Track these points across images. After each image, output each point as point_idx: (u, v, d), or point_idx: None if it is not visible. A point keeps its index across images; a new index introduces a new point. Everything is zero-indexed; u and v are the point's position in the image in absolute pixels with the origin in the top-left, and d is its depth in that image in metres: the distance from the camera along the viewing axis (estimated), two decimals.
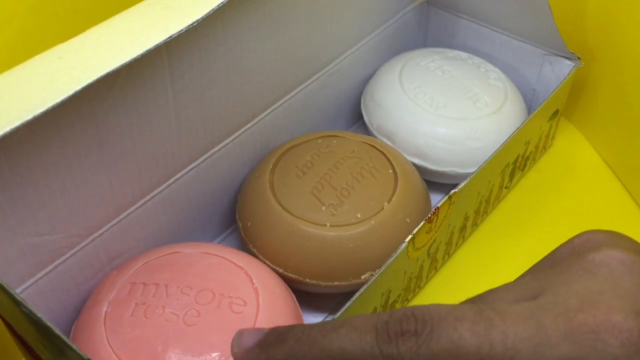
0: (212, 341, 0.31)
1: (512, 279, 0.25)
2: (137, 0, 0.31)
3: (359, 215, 0.37)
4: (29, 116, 0.24)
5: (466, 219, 0.42)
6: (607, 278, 0.19)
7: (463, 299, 0.44)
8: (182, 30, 0.29)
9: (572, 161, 0.50)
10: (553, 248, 0.24)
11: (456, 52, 0.50)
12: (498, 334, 0.18)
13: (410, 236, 0.34)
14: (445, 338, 0.18)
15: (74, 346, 0.22)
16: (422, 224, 0.35)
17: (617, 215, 0.46)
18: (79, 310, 0.34)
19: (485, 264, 0.43)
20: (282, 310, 0.34)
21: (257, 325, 0.32)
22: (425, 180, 0.43)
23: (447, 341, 0.18)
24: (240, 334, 0.22)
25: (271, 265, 0.37)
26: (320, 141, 0.41)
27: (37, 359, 0.29)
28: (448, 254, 0.43)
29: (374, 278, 0.33)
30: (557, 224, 0.45)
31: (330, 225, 0.37)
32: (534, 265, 0.24)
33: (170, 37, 0.29)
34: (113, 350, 0.30)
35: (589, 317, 0.18)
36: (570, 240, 0.23)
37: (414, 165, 0.43)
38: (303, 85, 0.43)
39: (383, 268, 0.33)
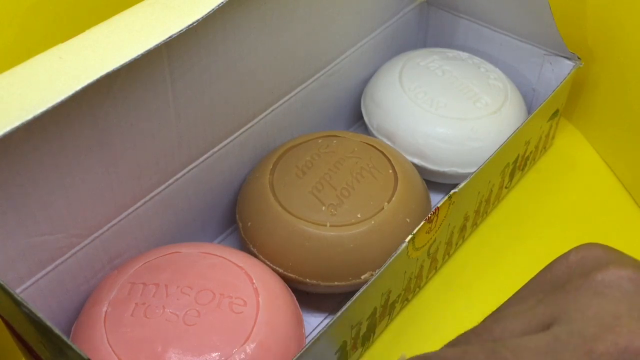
0: (212, 341, 0.31)
1: (512, 279, 0.24)
2: (137, 0, 0.31)
3: (359, 215, 0.37)
4: (29, 116, 0.24)
5: (466, 219, 0.42)
6: (620, 299, 0.18)
7: (463, 299, 0.44)
8: (182, 30, 0.29)
9: (572, 161, 0.50)
10: (553, 248, 0.23)
11: (456, 52, 0.50)
12: None
13: (410, 236, 0.34)
14: None
15: (74, 346, 0.22)
16: (422, 224, 0.35)
17: (617, 215, 0.46)
18: (79, 310, 0.34)
19: (485, 263, 0.43)
20: (282, 310, 0.34)
21: (257, 325, 0.32)
22: (425, 180, 0.43)
23: None
24: None
25: (271, 265, 0.37)
26: (320, 141, 0.41)
27: (37, 359, 0.29)
28: (448, 254, 0.43)
29: (374, 278, 0.33)
30: (556, 224, 0.45)
31: (331, 225, 0.37)
32: (532, 285, 0.22)
33: (170, 37, 0.29)
34: (113, 350, 0.30)
35: (610, 345, 0.17)
36: (565, 257, 0.22)
37: (414, 165, 0.43)
38: (303, 85, 0.43)
39: (383, 268, 0.33)
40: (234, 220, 0.41)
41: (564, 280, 0.20)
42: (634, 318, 0.18)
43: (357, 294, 0.32)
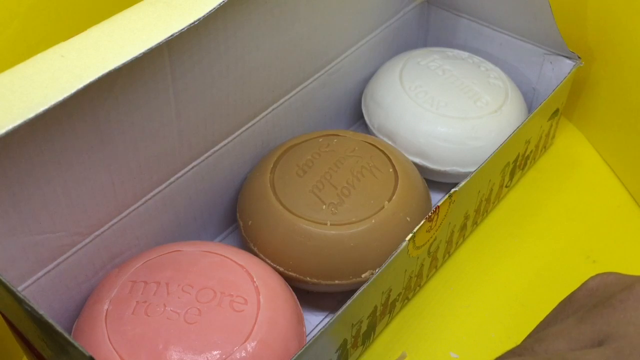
0: (213, 339, 0.31)
1: (512, 278, 0.24)
2: None
3: (359, 214, 0.37)
4: (30, 114, 0.24)
5: (466, 217, 0.42)
6: None
7: (463, 298, 0.44)
8: (183, 29, 0.29)
9: (572, 161, 0.50)
10: (553, 247, 0.23)
11: (456, 52, 0.50)
12: None
13: (410, 235, 0.34)
14: None
15: (76, 344, 0.22)
16: (422, 222, 0.35)
17: (616, 214, 0.46)
18: (80, 309, 0.34)
19: (485, 262, 0.43)
20: (283, 308, 0.34)
21: (258, 324, 0.32)
22: (425, 179, 0.43)
23: None
24: None
25: (272, 263, 0.37)
26: (320, 140, 0.42)
27: (39, 357, 0.29)
28: (448, 253, 0.43)
29: (374, 277, 0.33)
30: (556, 223, 0.45)
31: (331, 224, 0.37)
32: (558, 311, 0.22)
33: (171, 35, 0.29)
34: (114, 348, 0.30)
35: None
36: (583, 285, 0.21)
37: (415, 164, 0.43)
38: (304, 85, 0.43)
39: (383, 267, 0.33)
40: (235, 218, 0.41)
41: (595, 300, 0.20)
42: None
43: (358, 292, 0.32)
